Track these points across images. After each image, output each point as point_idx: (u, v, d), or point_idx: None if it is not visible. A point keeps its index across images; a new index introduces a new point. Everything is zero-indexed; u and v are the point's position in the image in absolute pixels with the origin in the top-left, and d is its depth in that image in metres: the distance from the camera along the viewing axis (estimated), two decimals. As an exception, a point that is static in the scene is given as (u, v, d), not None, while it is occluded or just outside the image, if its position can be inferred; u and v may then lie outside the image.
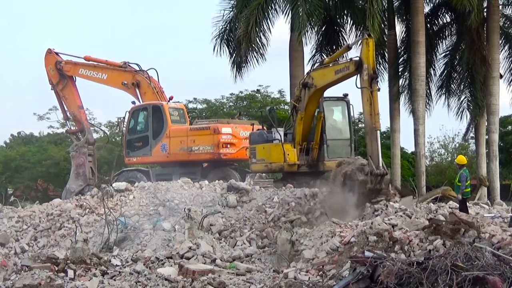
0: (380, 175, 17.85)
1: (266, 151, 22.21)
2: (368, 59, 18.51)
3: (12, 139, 51.08)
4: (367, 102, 18.37)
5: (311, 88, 20.85)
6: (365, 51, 18.62)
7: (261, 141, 22.49)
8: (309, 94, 20.98)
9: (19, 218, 19.80)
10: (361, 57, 18.78)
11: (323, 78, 20.69)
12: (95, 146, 27.57)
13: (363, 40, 18.85)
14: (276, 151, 21.92)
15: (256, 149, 22.45)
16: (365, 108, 18.54)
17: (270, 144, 22.18)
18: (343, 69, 19.81)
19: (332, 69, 20.43)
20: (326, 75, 20.60)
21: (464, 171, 18.04)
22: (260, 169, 22.53)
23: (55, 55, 26.71)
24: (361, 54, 18.90)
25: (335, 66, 20.45)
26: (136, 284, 13.29)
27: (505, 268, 10.06)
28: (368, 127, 18.62)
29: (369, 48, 18.60)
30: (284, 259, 14.75)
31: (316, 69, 21.56)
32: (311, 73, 21.23)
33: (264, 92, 45.79)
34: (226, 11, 31.16)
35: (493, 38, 30.94)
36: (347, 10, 31.52)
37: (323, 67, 20.88)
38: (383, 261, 10.65)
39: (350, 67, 19.40)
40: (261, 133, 22.88)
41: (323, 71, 20.72)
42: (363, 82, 18.50)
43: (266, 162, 22.18)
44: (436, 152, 47.73)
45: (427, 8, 32.51)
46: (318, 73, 20.91)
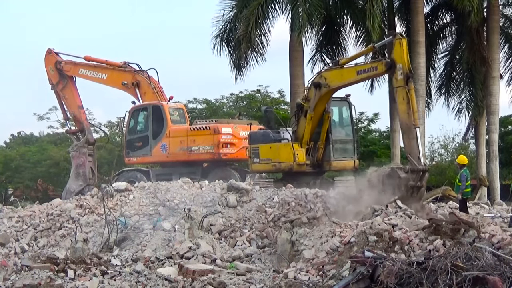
0: (422, 171, 18.01)
1: (274, 151, 22.04)
2: (403, 58, 18.69)
3: (12, 139, 51.12)
4: (404, 101, 18.54)
5: (324, 88, 20.91)
6: (398, 51, 18.79)
7: (267, 140, 22.34)
8: (320, 94, 21.04)
9: (19, 218, 19.78)
10: (394, 57, 18.94)
11: (340, 78, 20.79)
12: (95, 146, 27.57)
13: (396, 40, 18.99)
14: (285, 151, 21.82)
15: (259, 148, 22.32)
16: (401, 107, 18.70)
17: (278, 144, 22.03)
18: (369, 70, 20.07)
19: (354, 69, 20.57)
20: (345, 75, 20.72)
21: (465, 171, 18.05)
22: (265, 168, 22.43)
23: (55, 55, 26.71)
24: (393, 54, 19.08)
25: (358, 67, 20.59)
26: (136, 284, 13.29)
27: (505, 268, 10.06)
28: (406, 125, 18.72)
29: (403, 48, 18.78)
30: (284, 259, 14.75)
31: (329, 69, 21.60)
32: (323, 73, 21.29)
33: (264, 92, 45.84)
34: (226, 11, 31.24)
35: (493, 38, 30.97)
36: (347, 10, 31.55)
37: (339, 68, 20.93)
38: (383, 261, 10.65)
39: (379, 68, 19.64)
40: (266, 132, 22.76)
41: (341, 71, 20.80)
42: (398, 82, 18.71)
43: (274, 162, 22.04)
44: (436, 152, 47.76)
45: (427, 8, 32.56)
46: (333, 73, 20.98)
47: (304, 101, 21.68)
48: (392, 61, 18.96)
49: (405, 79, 18.56)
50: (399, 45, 18.81)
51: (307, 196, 18.76)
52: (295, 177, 22.04)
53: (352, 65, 20.81)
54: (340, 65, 21.07)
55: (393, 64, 18.87)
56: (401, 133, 19.51)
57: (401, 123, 19.08)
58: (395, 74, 18.72)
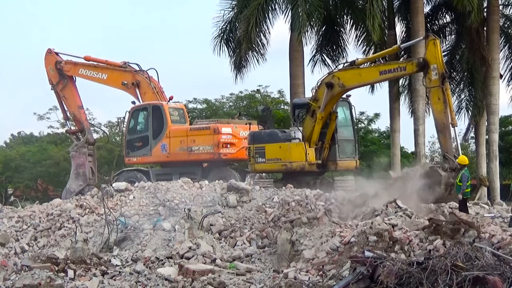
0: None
1: (284, 151, 21.90)
2: (437, 58, 18.97)
3: (12, 139, 51.12)
4: (439, 101, 18.87)
5: (337, 88, 21.00)
6: (433, 51, 19.05)
7: (275, 140, 22.19)
8: (331, 94, 21.13)
9: (19, 218, 19.79)
10: (427, 57, 19.16)
11: (358, 78, 20.94)
12: (95, 146, 27.57)
13: (430, 41, 19.19)
14: (297, 151, 21.75)
15: (265, 148, 22.18)
16: (436, 106, 19.01)
17: (290, 143, 21.90)
18: (395, 70, 20.28)
19: (376, 69, 20.80)
20: (365, 76, 20.92)
21: (466, 171, 18.04)
22: (272, 168, 22.32)
23: (55, 55, 26.70)
24: (426, 55, 19.30)
25: (381, 66, 20.82)
26: (136, 284, 13.30)
27: (505, 268, 10.07)
28: (442, 124, 19.01)
29: (437, 48, 19.06)
30: (284, 259, 14.75)
31: (344, 69, 21.58)
32: (336, 73, 21.34)
33: (264, 92, 45.84)
34: (226, 11, 31.25)
35: (493, 38, 30.96)
36: (347, 10, 31.55)
37: (355, 68, 20.98)
38: (383, 261, 10.66)
39: (408, 68, 19.90)
40: (273, 132, 22.63)
41: (359, 71, 20.89)
42: (432, 82, 18.97)
43: (284, 162, 21.90)
44: (437, 152, 47.75)
45: (427, 8, 32.56)
46: (349, 73, 21.04)
47: (313, 100, 21.71)
48: (425, 61, 19.20)
49: (441, 79, 18.82)
50: (433, 46, 19.06)
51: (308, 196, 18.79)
52: (296, 177, 22.03)
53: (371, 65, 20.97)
54: (357, 65, 21.14)
55: (426, 64, 19.12)
56: (437, 132, 19.67)
57: (437, 122, 19.24)
58: (429, 74, 18.97)
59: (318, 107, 21.53)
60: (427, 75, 19.11)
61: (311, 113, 21.84)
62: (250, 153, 22.63)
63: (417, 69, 19.65)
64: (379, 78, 20.97)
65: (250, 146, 22.65)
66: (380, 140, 45.44)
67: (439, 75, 18.85)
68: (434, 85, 18.93)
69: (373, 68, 20.95)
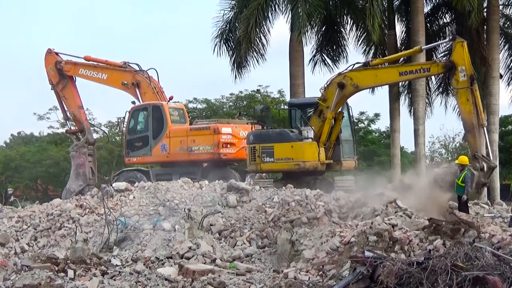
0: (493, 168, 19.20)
1: (297, 150, 21.80)
2: (466, 60, 19.41)
3: (12, 139, 51.08)
4: (467, 102, 19.30)
5: (350, 88, 21.20)
6: (461, 53, 19.49)
7: (286, 139, 22.07)
8: (343, 94, 21.31)
9: (19, 218, 19.79)
10: (455, 59, 19.57)
11: (374, 79, 21.29)
12: (95, 146, 27.54)
13: (458, 43, 19.60)
14: (311, 150, 21.75)
15: (273, 148, 22.06)
16: (465, 107, 19.43)
17: (303, 143, 21.85)
18: (417, 71, 20.73)
19: (395, 70, 21.14)
20: (382, 76, 21.18)
21: (468, 171, 18.06)
22: (282, 168, 22.18)
23: (55, 55, 26.70)
24: (453, 56, 19.71)
25: (401, 67, 21.34)
26: (136, 284, 13.30)
27: (505, 268, 10.07)
28: (471, 125, 19.42)
29: (465, 50, 19.50)
30: (284, 259, 14.75)
31: (357, 69, 21.71)
32: (349, 74, 21.47)
33: (264, 92, 45.78)
34: (226, 11, 31.21)
35: (493, 38, 30.94)
36: (347, 10, 31.54)
37: (370, 68, 21.18)
38: (383, 261, 10.66)
39: (433, 69, 20.48)
40: (284, 131, 22.54)
41: (375, 72, 21.12)
42: (460, 83, 19.39)
43: (296, 161, 21.81)
44: (437, 152, 47.78)
45: (427, 8, 32.53)
46: (364, 74, 21.26)
47: (322, 100, 21.74)
48: (452, 62, 19.60)
49: (470, 80, 19.25)
50: (461, 47, 19.48)
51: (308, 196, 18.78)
52: (296, 177, 22.02)
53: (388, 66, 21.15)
54: (372, 65, 21.34)
55: (453, 66, 19.51)
56: (465, 132, 20.09)
57: (465, 122, 19.64)
58: (456, 75, 19.37)
59: (326, 107, 21.69)
60: (454, 77, 19.52)
61: (318, 113, 21.95)
62: (255, 153, 22.35)
63: (443, 71, 20.19)
64: (399, 79, 21.54)
65: (255, 146, 22.39)
66: (380, 140, 45.42)
67: (468, 77, 19.28)
68: (462, 86, 19.36)
69: (392, 69, 21.28)
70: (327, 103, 21.66)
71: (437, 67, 20.34)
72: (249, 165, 22.82)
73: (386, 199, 17.37)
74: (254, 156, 22.41)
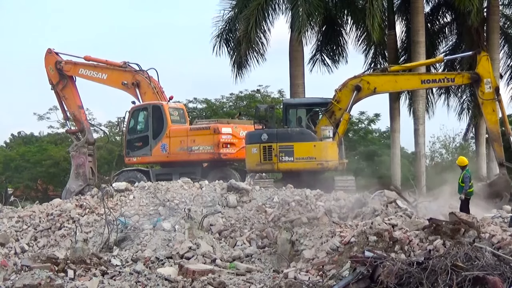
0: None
1: (320, 149, 21.89)
2: (491, 73, 20.76)
3: (12, 139, 51.04)
4: (493, 113, 20.65)
5: (366, 91, 21.82)
6: (486, 66, 20.78)
7: (307, 139, 22.06)
8: (358, 97, 21.86)
9: (19, 218, 19.78)
10: (480, 72, 20.75)
11: (394, 85, 22.10)
12: (95, 146, 27.57)
13: (484, 56, 20.81)
14: (332, 150, 22.04)
15: (293, 147, 22.01)
16: (491, 117, 20.77)
17: (325, 142, 21.95)
18: (440, 80, 22.05)
19: (418, 77, 22.19)
20: (402, 83, 22.08)
21: (467, 172, 18.08)
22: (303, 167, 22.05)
23: (55, 55, 26.72)
24: (479, 69, 20.88)
25: (424, 76, 22.33)
26: (136, 284, 13.29)
27: (505, 268, 10.07)
28: (497, 134, 20.82)
29: (490, 64, 20.97)
30: (284, 259, 14.75)
31: (376, 74, 22.61)
32: (366, 77, 22.04)
33: (264, 92, 45.80)
34: (226, 11, 31.21)
35: (493, 38, 30.94)
36: (347, 10, 31.54)
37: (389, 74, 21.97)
38: (383, 261, 10.66)
39: (457, 80, 21.76)
40: (304, 130, 22.44)
41: (394, 78, 21.88)
42: (485, 95, 20.63)
43: (319, 161, 21.89)
44: (437, 152, 47.75)
45: (427, 8, 32.53)
46: (383, 79, 21.94)
47: (336, 101, 22.12)
48: (477, 75, 20.75)
49: (495, 92, 20.49)
50: (486, 61, 20.73)
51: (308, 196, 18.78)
52: (296, 177, 22.00)
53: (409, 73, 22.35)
54: (390, 71, 22.15)
55: (479, 78, 20.66)
56: (491, 141, 21.40)
57: (492, 132, 20.97)
58: (482, 87, 20.54)
59: (339, 109, 22.09)
60: (479, 88, 20.61)
61: (330, 114, 22.26)
62: (271, 152, 22.14)
63: (468, 82, 21.47)
64: (421, 86, 22.72)
65: (272, 145, 22.19)
66: (380, 140, 45.43)
67: (493, 89, 20.45)
68: (488, 98, 20.52)
69: (414, 76, 22.40)
70: (340, 105, 22.11)
71: (462, 78, 21.41)
72: (258, 164, 22.47)
73: (386, 199, 17.37)
74: (270, 155, 22.21)
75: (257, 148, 22.47)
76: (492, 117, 20.63)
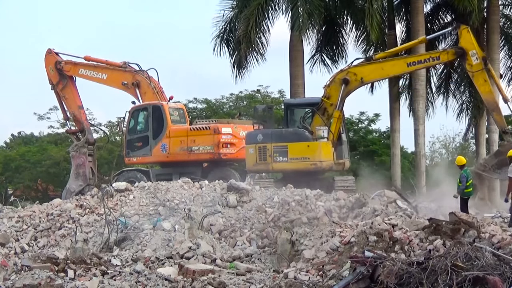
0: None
1: (313, 149, 21.70)
2: (474, 44, 20.21)
3: (12, 139, 51.04)
4: (486, 83, 20.05)
5: (355, 83, 21.45)
6: (468, 38, 20.30)
7: (300, 139, 21.96)
8: (347, 90, 21.51)
9: (19, 218, 19.78)
10: (464, 45, 20.29)
11: (380, 72, 21.66)
12: (95, 146, 27.56)
13: (464, 29, 20.29)
14: (327, 150, 21.76)
15: (287, 147, 21.92)
16: (484, 88, 20.13)
17: (320, 142, 21.75)
18: (426, 60, 21.29)
19: (403, 61, 21.57)
20: (388, 69, 21.59)
21: (464, 172, 18.08)
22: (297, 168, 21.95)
23: (55, 55, 26.71)
24: (462, 43, 20.42)
25: (409, 58, 21.63)
26: (136, 284, 13.30)
27: (505, 268, 10.08)
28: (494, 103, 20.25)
29: (471, 35, 20.36)
30: (284, 259, 14.75)
31: (361, 64, 21.90)
32: (352, 69, 21.65)
33: (264, 92, 45.80)
34: (226, 11, 31.20)
35: (493, 38, 30.93)
36: (347, 10, 31.51)
37: (375, 62, 21.45)
38: (383, 261, 10.66)
39: (442, 57, 21.20)
40: (299, 130, 22.34)
41: (380, 65, 21.40)
42: (474, 67, 20.09)
43: (313, 161, 21.71)
44: (437, 152, 47.77)
45: (427, 8, 32.52)
46: (369, 68, 21.48)
47: (326, 98, 21.79)
48: (462, 49, 20.26)
49: (483, 62, 19.95)
50: (467, 33, 20.22)
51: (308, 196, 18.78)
52: (296, 177, 21.99)
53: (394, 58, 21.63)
54: (375, 59, 21.59)
55: (464, 52, 20.18)
56: (490, 112, 20.88)
57: (488, 102, 20.36)
58: (469, 60, 20.04)
59: (330, 104, 21.78)
60: (466, 62, 20.14)
61: (322, 111, 21.97)
62: (265, 152, 22.12)
63: (453, 58, 20.99)
64: (407, 70, 22.01)
65: (266, 145, 22.18)
66: (380, 140, 45.43)
67: (480, 59, 19.93)
68: (477, 69, 19.99)
69: (399, 60, 21.66)
70: (331, 100, 21.78)
71: (447, 54, 20.99)
72: (255, 164, 22.48)
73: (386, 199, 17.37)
74: (264, 156, 22.20)
75: (254, 148, 22.55)
76: (486, 87, 20.12)
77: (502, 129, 20.25)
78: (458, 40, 21.20)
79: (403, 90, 32.57)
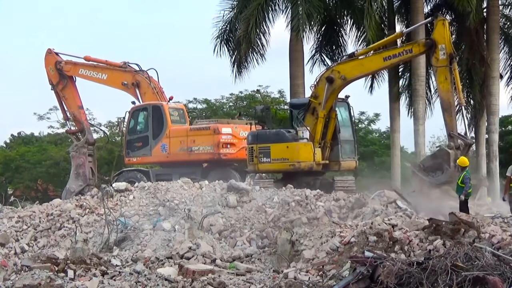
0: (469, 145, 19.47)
1: (292, 150, 21.70)
2: (446, 39, 19.48)
3: (12, 139, 51.04)
4: (446, 81, 19.42)
5: (338, 81, 21.15)
6: (441, 31, 19.56)
7: (282, 140, 21.98)
8: (332, 88, 21.26)
9: (19, 218, 19.78)
10: (435, 37, 19.62)
11: (360, 68, 21.28)
12: (95, 146, 27.56)
13: (439, 21, 19.61)
14: (305, 150, 21.64)
15: (270, 148, 21.97)
16: (443, 85, 19.56)
17: (298, 143, 21.72)
18: (400, 54, 20.66)
19: (379, 56, 21.05)
20: (367, 65, 21.28)
21: (467, 173, 18.08)
22: (278, 168, 22.07)
23: (55, 55, 26.71)
24: (434, 34, 19.78)
25: (384, 53, 21.06)
26: (136, 284, 13.29)
27: (505, 268, 10.07)
28: (448, 103, 19.58)
29: (446, 29, 19.58)
30: (284, 259, 14.75)
31: (344, 62, 21.79)
32: (336, 67, 21.52)
33: (264, 92, 45.79)
34: (226, 11, 31.25)
35: (493, 38, 30.95)
36: (347, 10, 31.55)
37: (356, 59, 21.23)
38: (383, 261, 10.66)
39: (415, 49, 20.40)
40: (280, 132, 22.42)
41: (360, 62, 21.18)
42: (439, 61, 19.44)
43: (291, 162, 21.70)
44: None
45: (427, 8, 32.52)
46: (350, 65, 21.23)
47: (313, 98, 21.68)
48: (432, 41, 19.62)
49: (449, 59, 19.29)
50: (442, 26, 19.50)
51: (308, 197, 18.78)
52: (297, 177, 22.00)
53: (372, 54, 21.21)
54: (356, 56, 21.37)
55: (433, 44, 19.52)
56: (442, 111, 20.05)
57: (443, 101, 19.69)
58: (436, 53, 19.38)
59: (318, 103, 21.63)
60: (434, 55, 19.51)
61: (311, 111, 21.87)
62: (252, 153, 22.31)
63: (424, 50, 20.08)
64: (384, 64, 21.31)
65: (253, 146, 22.35)
66: (380, 140, 45.44)
67: (447, 55, 19.30)
68: (441, 64, 19.37)
69: (376, 56, 21.21)
70: (318, 100, 21.64)
71: (418, 46, 20.36)
72: (248, 165, 22.76)
73: (386, 199, 17.37)
74: (252, 157, 22.37)
75: (247, 149, 22.79)
76: (445, 85, 19.52)
77: (449, 132, 19.70)
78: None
79: (403, 90, 32.60)
